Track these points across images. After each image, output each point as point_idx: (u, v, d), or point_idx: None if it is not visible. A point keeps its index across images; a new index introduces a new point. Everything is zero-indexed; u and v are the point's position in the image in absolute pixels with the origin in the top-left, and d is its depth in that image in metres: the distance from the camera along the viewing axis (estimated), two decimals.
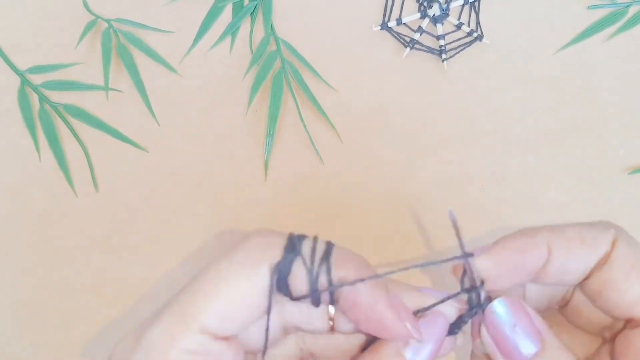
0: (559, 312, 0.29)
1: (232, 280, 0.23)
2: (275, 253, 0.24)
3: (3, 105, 0.40)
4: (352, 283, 0.24)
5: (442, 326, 0.26)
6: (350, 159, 0.40)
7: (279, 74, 0.40)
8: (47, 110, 0.40)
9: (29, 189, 0.39)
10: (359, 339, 0.27)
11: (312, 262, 0.24)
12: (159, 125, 0.40)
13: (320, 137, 0.40)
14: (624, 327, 0.26)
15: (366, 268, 0.24)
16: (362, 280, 0.24)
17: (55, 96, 0.41)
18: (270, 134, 0.39)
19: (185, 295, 0.23)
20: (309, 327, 0.26)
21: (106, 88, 0.40)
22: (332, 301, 0.24)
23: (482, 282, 0.26)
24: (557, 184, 0.40)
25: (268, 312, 0.24)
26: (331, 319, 0.26)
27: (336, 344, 0.27)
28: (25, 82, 0.40)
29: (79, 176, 0.40)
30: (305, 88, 0.40)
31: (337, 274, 0.24)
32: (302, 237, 0.24)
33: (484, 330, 0.26)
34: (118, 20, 0.41)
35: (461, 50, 0.41)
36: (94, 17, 0.41)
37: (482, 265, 0.26)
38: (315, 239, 0.25)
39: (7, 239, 0.39)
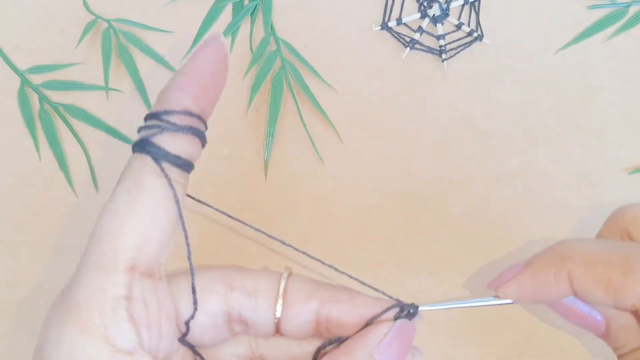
0: None
1: (128, 208, 0.23)
2: (140, 160, 0.24)
3: (3, 106, 0.40)
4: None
5: (411, 332, 0.26)
6: (351, 158, 0.40)
7: (279, 74, 0.40)
8: (47, 110, 0.40)
9: (29, 189, 0.39)
10: (311, 346, 0.27)
11: (158, 125, 0.24)
12: None
13: (321, 137, 0.40)
14: None
15: None
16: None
17: (56, 96, 0.41)
18: (270, 133, 0.39)
19: (96, 245, 0.23)
20: (254, 318, 0.26)
21: (106, 88, 0.40)
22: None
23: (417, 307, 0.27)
24: (558, 183, 0.40)
25: (177, 201, 0.24)
26: (277, 316, 0.26)
27: (288, 349, 0.27)
28: (25, 82, 0.40)
29: (79, 176, 0.40)
30: (305, 88, 0.40)
31: (173, 105, 0.25)
32: (137, 140, 0.25)
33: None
34: (118, 20, 0.41)
35: (461, 50, 0.41)
36: (94, 17, 0.41)
37: (506, 294, 0.27)
38: (140, 128, 0.25)
39: (5, 240, 0.39)
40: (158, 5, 0.42)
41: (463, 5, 0.42)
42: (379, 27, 0.41)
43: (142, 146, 0.24)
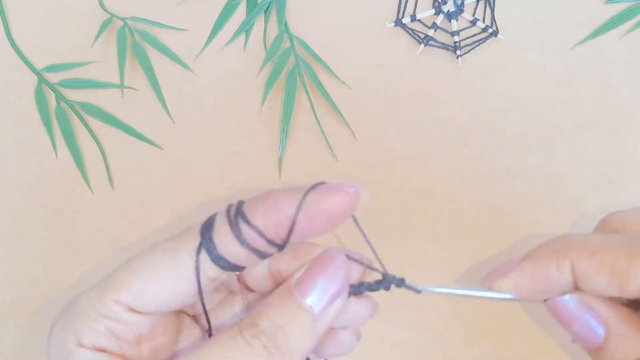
0: None
1: (152, 265, 0.25)
2: (191, 239, 0.25)
3: (20, 104, 0.41)
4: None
5: (341, 267, 0.26)
6: (364, 156, 0.40)
7: (292, 71, 0.40)
8: (64, 109, 0.40)
9: (46, 186, 0.40)
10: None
11: (231, 222, 0.25)
12: (173, 122, 0.40)
13: (334, 134, 0.40)
14: None
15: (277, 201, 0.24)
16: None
17: (72, 94, 0.41)
18: (284, 131, 0.39)
19: (115, 272, 0.26)
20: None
21: (122, 86, 0.40)
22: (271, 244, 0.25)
23: (403, 279, 0.27)
24: (573, 180, 0.39)
25: (200, 292, 0.25)
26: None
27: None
28: (42, 80, 0.41)
29: (95, 174, 0.40)
30: (319, 85, 0.40)
31: (253, 217, 0.24)
32: (210, 218, 0.26)
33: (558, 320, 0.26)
34: (133, 18, 0.41)
35: (476, 46, 0.41)
36: (109, 16, 0.41)
37: (503, 288, 0.26)
38: (228, 207, 0.26)
39: (23, 235, 0.39)
40: (172, 3, 0.42)
41: (478, 1, 0.41)
42: (393, 24, 0.41)
43: (206, 229, 0.25)
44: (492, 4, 0.41)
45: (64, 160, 0.40)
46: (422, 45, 0.41)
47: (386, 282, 0.27)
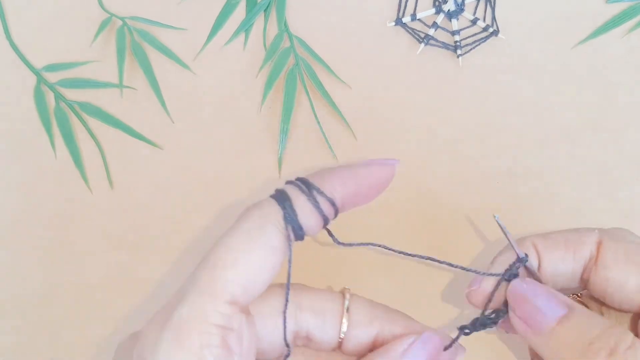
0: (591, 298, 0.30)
1: (245, 248, 0.25)
2: (272, 210, 0.26)
3: (19, 104, 0.41)
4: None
5: (437, 347, 0.27)
6: (365, 156, 0.39)
7: (292, 70, 0.40)
8: (63, 108, 0.40)
9: (45, 186, 0.40)
10: None
11: (306, 193, 0.27)
12: (173, 122, 0.40)
13: (334, 134, 0.40)
14: None
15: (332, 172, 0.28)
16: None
17: (71, 94, 0.41)
18: (284, 130, 0.39)
19: (205, 272, 0.25)
20: (320, 335, 0.27)
21: (121, 86, 0.40)
22: (336, 208, 0.27)
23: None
24: (574, 181, 0.39)
25: (289, 261, 0.26)
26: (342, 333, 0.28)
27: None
28: (41, 80, 0.41)
29: (94, 173, 0.40)
30: (319, 85, 0.40)
31: (327, 189, 0.27)
32: (281, 190, 0.27)
33: (511, 312, 0.27)
34: (132, 18, 0.41)
35: (477, 45, 0.41)
36: (108, 15, 0.41)
37: (483, 285, 0.29)
38: (288, 182, 0.27)
39: (22, 235, 0.39)
40: (172, 2, 0.42)
41: (478, 0, 0.41)
42: (393, 23, 0.41)
43: (282, 200, 0.26)
44: (492, 3, 0.41)
45: (63, 160, 0.40)
46: (423, 44, 0.40)
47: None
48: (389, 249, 0.30)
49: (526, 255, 0.28)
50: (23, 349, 0.38)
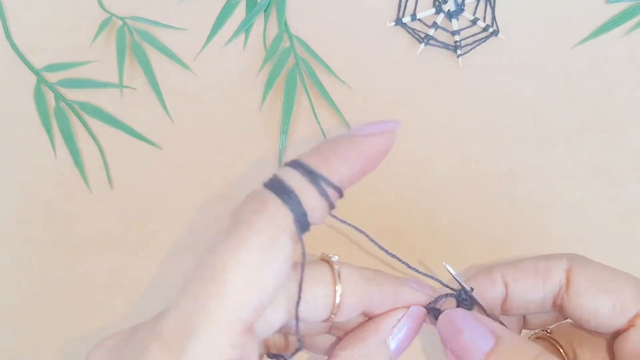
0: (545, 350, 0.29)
1: (259, 267, 0.22)
2: (281, 215, 0.23)
3: (20, 104, 0.41)
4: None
5: (421, 319, 0.28)
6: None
7: (292, 70, 0.40)
8: (63, 108, 0.40)
9: (45, 186, 0.40)
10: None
11: (314, 184, 0.23)
12: (173, 122, 0.40)
13: (334, 133, 0.40)
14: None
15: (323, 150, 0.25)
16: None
17: (71, 94, 0.41)
18: (284, 130, 0.39)
19: (216, 297, 0.21)
20: (312, 319, 0.26)
21: (120, 86, 0.40)
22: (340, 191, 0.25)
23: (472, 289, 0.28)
24: (574, 180, 0.39)
25: (302, 264, 0.24)
26: (334, 313, 0.26)
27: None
28: (41, 80, 0.41)
29: (94, 173, 0.40)
30: (319, 85, 0.40)
31: (335, 177, 0.24)
32: (278, 181, 0.24)
33: (443, 343, 0.27)
34: (132, 18, 0.41)
35: (477, 45, 0.41)
36: (108, 15, 0.41)
37: (446, 306, 0.28)
38: (281, 169, 0.24)
39: (22, 235, 0.39)
40: (172, 2, 0.42)
41: (478, 0, 0.41)
42: (393, 23, 0.41)
43: (287, 198, 0.23)
44: (492, 3, 0.41)
45: (63, 160, 0.40)
46: (423, 44, 0.40)
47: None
48: (372, 240, 0.30)
49: (471, 288, 0.28)
50: (23, 349, 0.38)
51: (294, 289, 0.25)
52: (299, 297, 0.25)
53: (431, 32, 0.41)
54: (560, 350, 0.30)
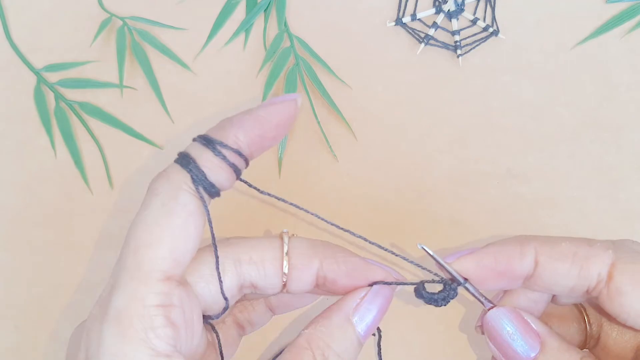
0: (590, 353, 0.28)
1: (164, 221, 0.24)
2: (180, 176, 0.25)
3: (20, 104, 0.41)
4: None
5: (387, 297, 0.28)
6: (365, 156, 0.39)
7: (292, 70, 0.40)
8: (63, 108, 0.40)
9: (45, 186, 0.40)
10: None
11: (210, 149, 0.26)
12: (173, 122, 0.40)
13: (334, 134, 0.40)
14: None
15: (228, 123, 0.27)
16: None
17: (71, 94, 0.41)
18: None
19: (130, 255, 0.24)
20: (263, 283, 0.28)
21: (121, 86, 0.40)
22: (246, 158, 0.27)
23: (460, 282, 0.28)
24: (574, 180, 0.39)
25: (209, 221, 0.26)
26: (285, 275, 0.28)
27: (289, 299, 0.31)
28: (41, 80, 0.41)
29: (94, 173, 0.40)
30: (319, 85, 0.40)
31: (230, 140, 0.26)
32: (184, 153, 0.26)
33: (487, 340, 0.27)
34: (132, 18, 0.41)
35: (477, 45, 0.41)
36: (108, 15, 0.41)
37: (463, 266, 0.27)
38: (193, 141, 0.27)
39: (23, 235, 0.39)
40: (172, 2, 0.42)
41: (478, 0, 0.41)
42: (394, 23, 0.41)
43: (186, 163, 0.26)
44: (492, 3, 0.41)
45: (63, 160, 0.40)
46: (423, 44, 0.40)
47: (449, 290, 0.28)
48: (322, 219, 0.30)
49: (466, 279, 0.27)
50: (23, 349, 0.38)
51: (242, 255, 0.27)
52: (217, 256, 0.26)
53: (431, 32, 0.41)
54: (585, 317, 0.30)
